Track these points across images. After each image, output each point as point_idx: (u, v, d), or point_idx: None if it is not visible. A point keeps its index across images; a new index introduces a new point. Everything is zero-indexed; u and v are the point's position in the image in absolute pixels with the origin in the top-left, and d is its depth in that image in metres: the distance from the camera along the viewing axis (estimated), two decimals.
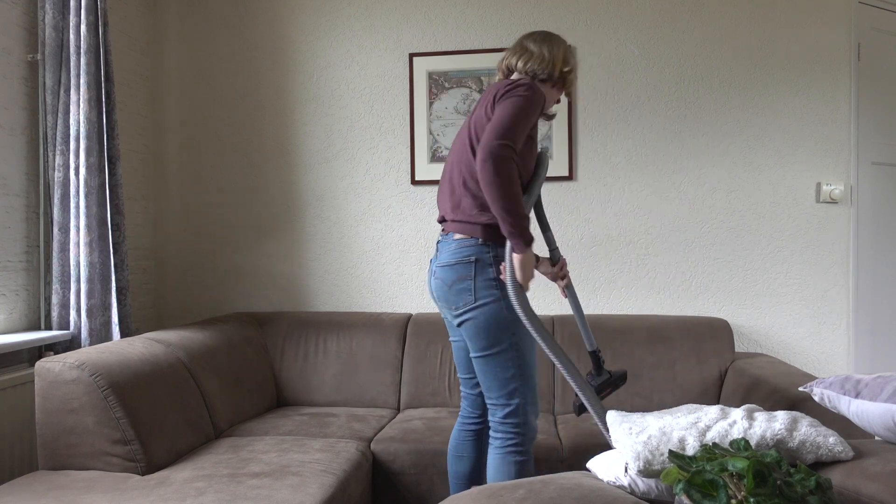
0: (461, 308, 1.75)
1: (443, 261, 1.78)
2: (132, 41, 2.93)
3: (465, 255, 1.74)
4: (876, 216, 2.94)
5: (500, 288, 1.73)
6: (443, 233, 1.84)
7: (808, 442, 1.33)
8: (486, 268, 1.73)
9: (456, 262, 1.75)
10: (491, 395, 1.78)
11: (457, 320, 1.78)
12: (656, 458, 1.33)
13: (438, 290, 1.80)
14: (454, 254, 1.76)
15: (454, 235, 1.78)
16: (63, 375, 1.83)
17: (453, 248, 1.76)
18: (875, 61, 2.92)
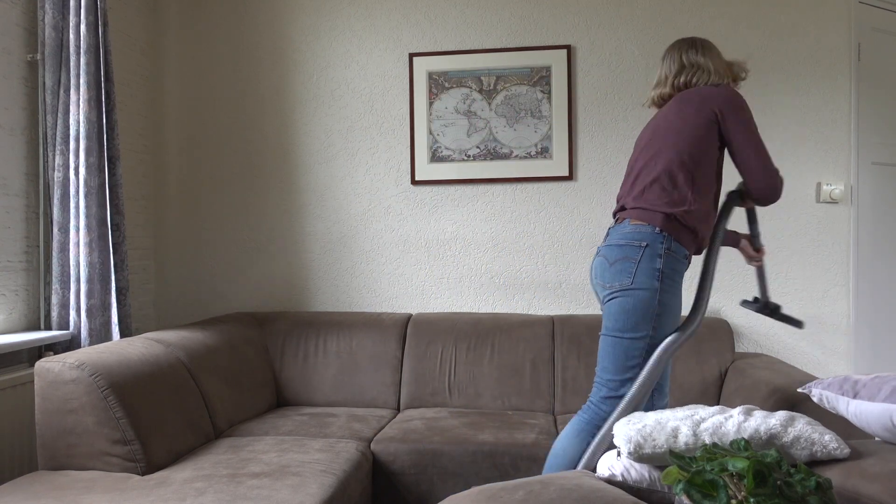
0: (615, 287, 1.76)
1: (612, 241, 1.81)
2: (132, 41, 2.93)
3: (637, 238, 1.75)
4: (876, 216, 2.94)
5: (661, 280, 1.73)
6: (616, 222, 1.87)
7: (803, 438, 1.33)
8: (654, 257, 1.73)
9: (626, 242, 1.76)
10: (604, 375, 1.80)
11: (607, 298, 1.78)
12: (647, 443, 1.34)
13: (599, 267, 1.81)
14: (626, 235, 1.78)
15: (630, 221, 1.80)
16: (63, 375, 1.83)
17: (627, 230, 1.78)
18: (875, 61, 2.92)
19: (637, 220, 1.79)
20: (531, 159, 2.90)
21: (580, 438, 1.79)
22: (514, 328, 2.69)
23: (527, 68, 2.90)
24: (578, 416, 1.83)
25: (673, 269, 1.75)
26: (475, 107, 2.93)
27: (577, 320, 2.71)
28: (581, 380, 2.60)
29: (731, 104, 1.79)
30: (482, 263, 2.95)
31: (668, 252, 1.74)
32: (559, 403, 2.60)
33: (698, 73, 1.92)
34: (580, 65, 2.90)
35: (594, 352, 2.62)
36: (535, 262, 2.93)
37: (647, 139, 1.92)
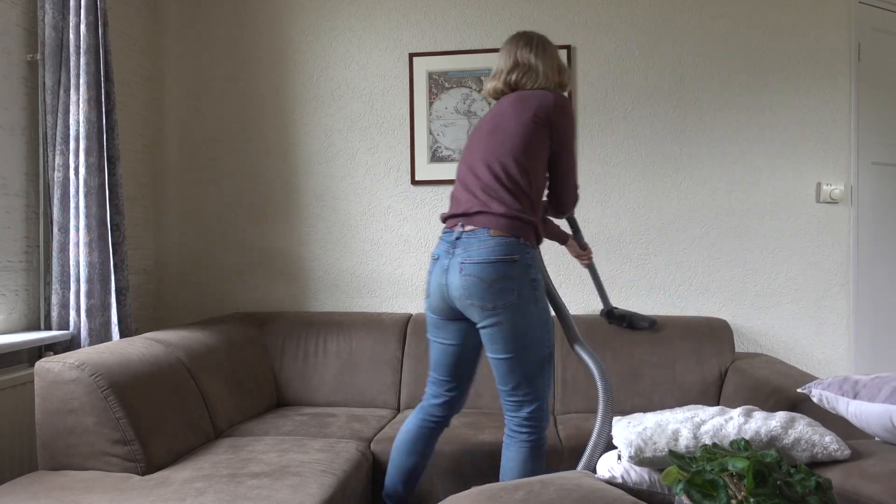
0: (499, 308, 1.71)
1: (478, 257, 1.72)
2: (132, 41, 2.93)
3: (505, 253, 1.71)
4: (876, 216, 2.94)
5: (538, 288, 1.77)
6: (464, 229, 1.79)
7: (804, 440, 1.33)
8: (527, 268, 1.74)
9: (496, 259, 1.71)
10: (517, 393, 1.79)
11: (487, 321, 1.73)
12: (648, 447, 1.34)
13: (472, 287, 1.72)
14: (493, 251, 1.71)
15: (489, 231, 1.73)
16: (63, 375, 1.83)
17: (491, 245, 1.72)
18: (875, 61, 2.92)
19: (498, 232, 1.74)
20: None
21: (534, 455, 1.84)
22: None
23: None
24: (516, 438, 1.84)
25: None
26: (475, 107, 2.93)
27: (577, 320, 2.71)
28: (581, 380, 2.60)
29: (565, 116, 1.84)
30: None
31: (534, 259, 1.78)
32: (559, 403, 2.60)
33: (528, 75, 1.92)
34: (580, 65, 2.90)
35: (594, 352, 2.62)
36: None
37: (485, 140, 1.88)
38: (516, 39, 1.97)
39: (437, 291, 1.84)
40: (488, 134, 1.87)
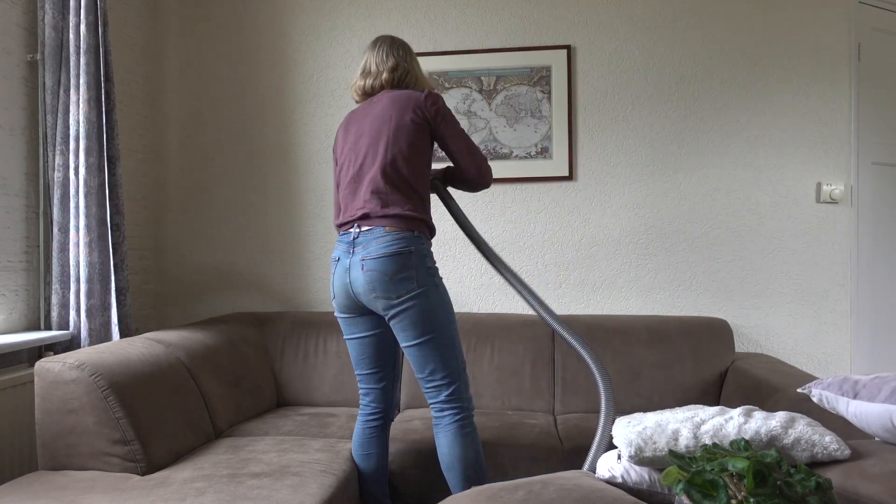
0: (403, 297, 1.82)
1: (377, 252, 1.82)
2: (132, 41, 2.93)
3: (402, 246, 1.83)
4: (876, 216, 2.94)
5: (436, 274, 1.88)
6: (360, 229, 1.88)
7: (804, 440, 1.33)
8: (423, 258, 1.85)
9: (394, 252, 1.82)
10: (434, 377, 1.88)
11: (394, 310, 1.83)
12: (648, 446, 1.34)
13: (374, 281, 1.82)
14: (390, 245, 1.82)
15: (385, 229, 1.84)
16: (63, 375, 1.83)
17: (388, 240, 1.83)
18: (875, 61, 2.92)
19: (392, 228, 1.84)
20: (531, 159, 2.90)
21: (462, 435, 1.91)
22: (514, 328, 2.69)
23: (527, 68, 2.90)
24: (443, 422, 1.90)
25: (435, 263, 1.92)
26: (475, 107, 2.93)
27: (577, 320, 2.71)
28: (581, 380, 2.60)
29: (443, 110, 1.93)
30: (482, 263, 2.95)
31: (428, 249, 1.89)
32: (559, 403, 2.60)
33: (409, 77, 2.02)
34: (580, 65, 2.90)
35: (594, 352, 2.62)
36: (535, 262, 2.93)
37: (366, 141, 1.93)
38: (390, 40, 2.04)
39: (341, 290, 1.91)
40: (371, 137, 1.92)
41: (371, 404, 2.03)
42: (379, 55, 2.01)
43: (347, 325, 1.99)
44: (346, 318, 1.97)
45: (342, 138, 2.02)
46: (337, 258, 1.93)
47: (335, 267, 1.93)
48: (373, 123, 1.93)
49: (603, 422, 1.72)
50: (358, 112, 2.01)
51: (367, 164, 1.91)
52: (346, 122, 2.03)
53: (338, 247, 1.94)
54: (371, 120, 1.94)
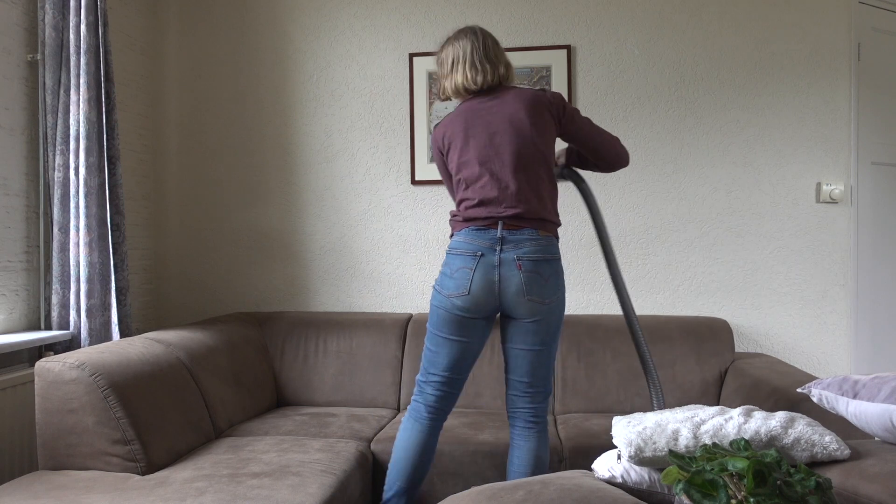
0: (551, 301, 1.84)
1: (534, 255, 1.82)
2: (132, 41, 2.93)
3: (554, 251, 1.86)
4: (876, 216, 2.94)
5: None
6: (509, 227, 1.84)
7: (804, 439, 1.33)
8: (562, 267, 1.90)
9: (551, 257, 1.85)
10: (540, 384, 1.90)
11: (539, 315, 1.83)
12: (648, 446, 1.34)
13: (531, 282, 1.81)
14: (547, 250, 1.84)
15: (538, 232, 1.84)
16: (63, 375, 1.83)
17: (545, 244, 1.84)
18: (875, 61, 2.93)
19: (545, 233, 1.87)
20: None
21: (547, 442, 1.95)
22: None
23: (527, 68, 2.90)
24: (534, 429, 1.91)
25: None
26: None
27: (578, 320, 2.71)
28: (581, 380, 2.60)
29: (566, 104, 1.93)
30: None
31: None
32: (559, 403, 2.60)
33: (510, 72, 1.98)
34: (580, 65, 2.90)
35: (594, 352, 2.62)
36: None
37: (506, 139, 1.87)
38: (482, 32, 1.97)
39: (484, 286, 1.82)
40: (511, 135, 1.87)
41: (444, 409, 1.93)
42: (486, 48, 1.93)
43: (460, 325, 1.87)
44: (466, 318, 1.86)
45: (462, 131, 1.90)
46: (479, 253, 1.83)
47: (475, 262, 1.83)
48: (511, 122, 1.86)
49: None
50: (479, 107, 1.91)
51: (514, 164, 1.85)
52: (464, 116, 1.92)
53: (471, 241, 1.84)
54: (504, 118, 1.87)
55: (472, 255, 1.84)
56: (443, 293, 1.87)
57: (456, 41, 1.97)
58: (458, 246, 1.86)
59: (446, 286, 1.86)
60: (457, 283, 1.84)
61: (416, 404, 1.95)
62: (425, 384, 1.94)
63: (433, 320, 1.91)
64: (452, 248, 1.88)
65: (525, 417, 1.90)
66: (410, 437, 1.92)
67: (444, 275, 1.88)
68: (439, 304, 1.88)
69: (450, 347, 1.89)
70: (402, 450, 1.92)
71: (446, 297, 1.86)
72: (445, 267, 1.89)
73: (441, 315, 1.88)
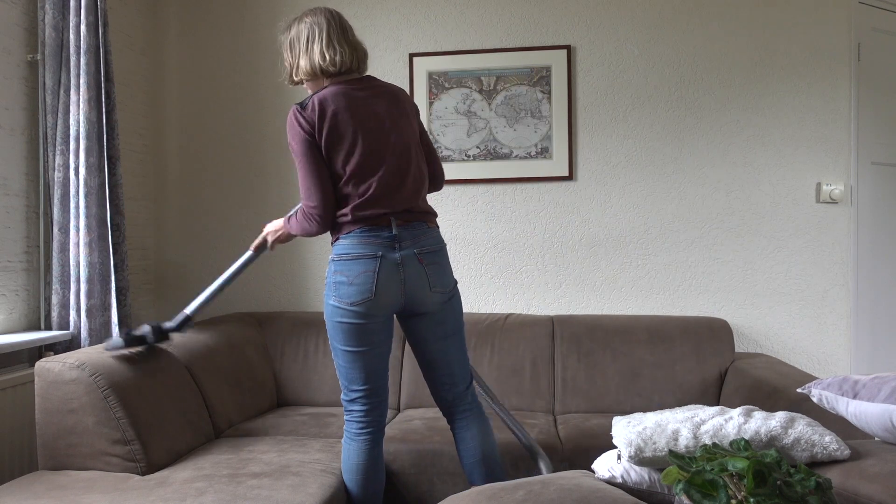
0: (452, 288, 1.88)
1: (431, 246, 1.82)
2: (132, 41, 2.93)
3: (442, 241, 1.89)
4: (876, 216, 2.94)
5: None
6: (412, 222, 1.79)
7: (803, 439, 1.33)
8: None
9: (443, 246, 1.88)
10: (465, 369, 1.94)
11: (446, 304, 1.86)
12: (648, 446, 1.34)
13: (435, 275, 1.81)
14: (438, 241, 1.87)
15: (426, 224, 1.84)
16: (63, 375, 1.84)
17: (434, 235, 1.86)
18: (875, 61, 2.93)
19: (432, 224, 1.88)
20: (531, 159, 2.90)
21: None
22: (514, 328, 2.69)
23: (527, 68, 2.90)
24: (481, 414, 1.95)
25: None
26: (475, 107, 2.93)
27: (577, 320, 2.71)
28: (581, 380, 2.60)
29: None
30: (482, 263, 2.95)
31: None
32: (559, 403, 2.60)
33: (366, 60, 1.90)
34: (580, 65, 2.90)
35: (594, 352, 2.62)
36: (535, 262, 2.93)
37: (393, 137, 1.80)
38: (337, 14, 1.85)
39: (390, 288, 1.74)
40: (397, 131, 1.81)
41: (378, 420, 1.84)
42: (343, 29, 1.83)
43: (372, 332, 1.77)
44: (372, 323, 1.76)
45: (349, 120, 1.75)
46: (378, 254, 1.73)
47: (377, 264, 1.73)
48: (398, 116, 1.81)
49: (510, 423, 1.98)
50: (358, 95, 1.79)
51: (401, 160, 1.80)
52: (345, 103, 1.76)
53: (366, 243, 1.74)
54: (388, 110, 1.80)
55: (371, 258, 1.73)
56: (342, 304, 1.74)
57: (307, 17, 1.82)
58: (353, 249, 1.74)
59: (347, 295, 1.73)
60: (359, 289, 1.72)
61: (350, 425, 1.84)
62: (351, 403, 1.83)
63: (337, 336, 1.78)
64: (344, 252, 1.75)
65: (461, 408, 1.92)
66: (357, 458, 1.82)
67: (339, 283, 1.74)
68: (341, 318, 1.74)
69: (363, 359, 1.78)
70: (353, 472, 1.83)
71: (347, 308, 1.73)
72: (339, 275, 1.74)
73: (345, 329, 1.75)
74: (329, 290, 1.77)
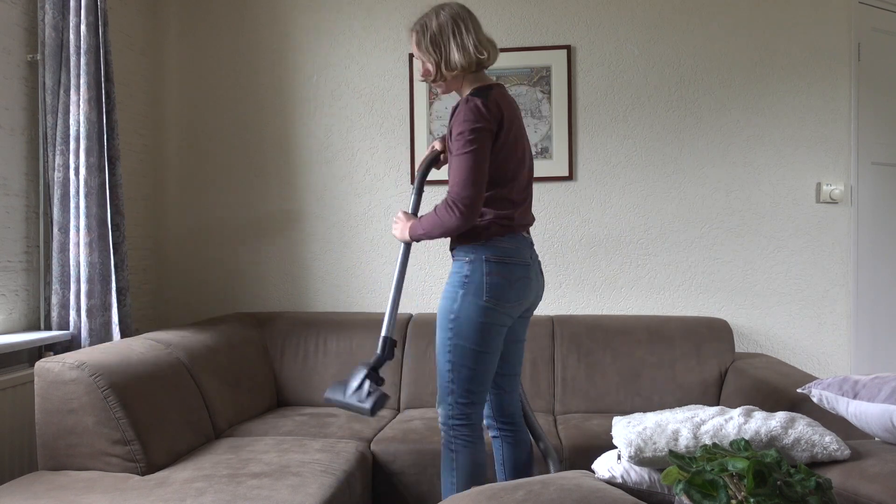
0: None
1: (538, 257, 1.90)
2: (132, 41, 2.93)
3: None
4: (876, 216, 2.94)
5: None
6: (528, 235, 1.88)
7: (804, 440, 1.33)
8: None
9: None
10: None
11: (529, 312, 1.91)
12: (648, 447, 1.34)
13: (541, 285, 1.89)
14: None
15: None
16: (63, 375, 1.83)
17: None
18: (875, 61, 2.92)
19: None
20: None
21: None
22: None
23: (527, 68, 2.90)
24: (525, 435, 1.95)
25: None
26: None
27: (577, 320, 2.71)
28: (581, 380, 2.60)
29: None
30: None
31: None
32: (559, 403, 2.60)
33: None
34: (580, 65, 2.90)
35: (594, 352, 2.62)
36: None
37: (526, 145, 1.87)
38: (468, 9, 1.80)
39: (534, 293, 1.84)
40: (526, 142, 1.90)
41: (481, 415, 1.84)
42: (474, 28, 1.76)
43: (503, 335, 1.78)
44: (509, 326, 1.79)
45: (511, 122, 1.76)
46: (528, 261, 1.79)
47: (531, 270, 1.79)
48: (522, 129, 1.85)
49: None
50: (509, 101, 1.80)
51: (530, 174, 1.91)
52: (507, 104, 1.76)
53: (523, 247, 1.79)
54: (520, 120, 1.84)
55: (527, 264, 1.78)
56: (496, 305, 1.69)
57: (444, 12, 1.75)
58: (514, 253, 1.75)
59: (505, 297, 1.70)
60: (518, 293, 1.74)
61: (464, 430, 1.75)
62: (469, 406, 1.74)
63: (474, 337, 1.70)
64: (505, 255, 1.73)
65: (520, 414, 1.95)
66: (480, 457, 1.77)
67: (496, 284, 1.70)
68: (490, 318, 1.69)
69: (493, 362, 1.76)
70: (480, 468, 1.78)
71: (500, 310, 1.70)
72: (496, 276, 1.70)
73: (489, 330, 1.70)
74: (477, 290, 1.70)
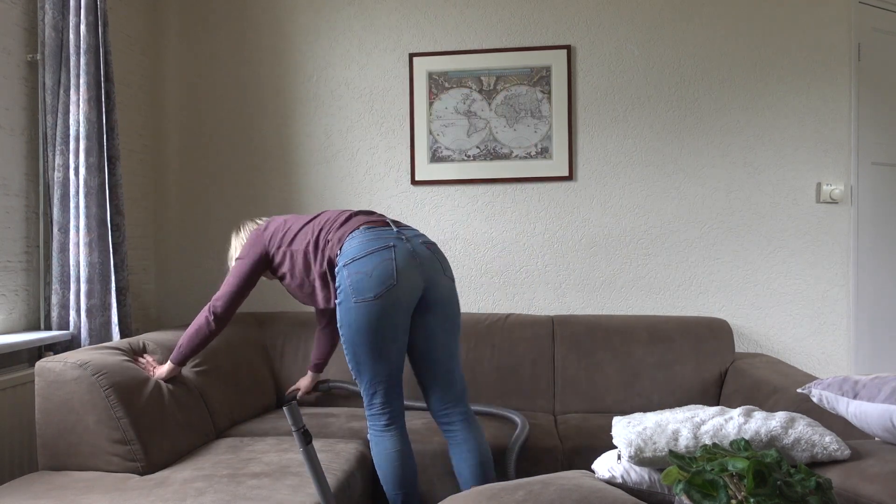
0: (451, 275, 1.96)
1: (430, 239, 1.95)
2: (132, 41, 2.93)
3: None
4: (876, 216, 2.95)
5: None
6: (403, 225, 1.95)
7: (804, 440, 1.33)
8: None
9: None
10: (460, 368, 1.97)
11: (453, 293, 1.92)
12: (648, 447, 1.34)
13: (445, 260, 1.94)
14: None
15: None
16: (64, 375, 1.84)
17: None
18: (875, 61, 2.93)
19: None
20: (531, 159, 2.90)
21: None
22: (514, 328, 2.69)
23: (527, 68, 2.90)
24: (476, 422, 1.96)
25: None
26: (475, 107, 2.93)
27: (577, 320, 2.71)
28: (581, 380, 2.60)
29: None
30: (482, 263, 2.95)
31: None
32: (559, 403, 2.60)
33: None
34: (580, 65, 2.90)
35: (594, 352, 2.62)
36: (535, 262, 2.93)
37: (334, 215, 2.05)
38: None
39: (412, 273, 1.79)
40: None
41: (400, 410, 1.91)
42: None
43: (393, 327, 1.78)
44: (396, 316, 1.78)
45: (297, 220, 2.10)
46: (391, 244, 1.79)
47: (392, 252, 1.77)
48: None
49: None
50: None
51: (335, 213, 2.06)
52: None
53: (376, 238, 1.81)
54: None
55: (386, 248, 1.80)
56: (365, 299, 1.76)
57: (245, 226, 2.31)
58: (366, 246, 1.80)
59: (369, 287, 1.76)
60: (380, 279, 1.76)
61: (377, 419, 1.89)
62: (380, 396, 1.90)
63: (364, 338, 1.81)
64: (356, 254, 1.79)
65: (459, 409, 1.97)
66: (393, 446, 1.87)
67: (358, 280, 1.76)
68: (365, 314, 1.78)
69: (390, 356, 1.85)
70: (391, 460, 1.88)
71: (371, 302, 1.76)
72: (356, 275, 1.77)
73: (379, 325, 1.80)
74: (347, 295, 1.77)
